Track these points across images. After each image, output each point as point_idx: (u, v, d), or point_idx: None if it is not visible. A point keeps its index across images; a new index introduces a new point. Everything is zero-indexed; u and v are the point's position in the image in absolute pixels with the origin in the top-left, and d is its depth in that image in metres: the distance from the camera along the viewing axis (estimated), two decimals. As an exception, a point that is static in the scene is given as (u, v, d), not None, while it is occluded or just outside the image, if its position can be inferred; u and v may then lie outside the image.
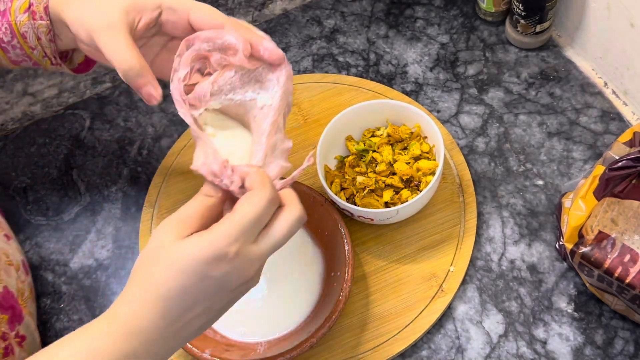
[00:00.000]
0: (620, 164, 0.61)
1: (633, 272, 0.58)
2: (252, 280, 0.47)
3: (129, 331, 0.43)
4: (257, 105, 0.52)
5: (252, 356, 0.63)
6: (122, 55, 0.52)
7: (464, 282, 0.69)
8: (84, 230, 0.77)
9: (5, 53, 0.60)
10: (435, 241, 0.71)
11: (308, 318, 0.66)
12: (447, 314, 0.67)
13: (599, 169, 0.63)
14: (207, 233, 0.44)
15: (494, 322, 0.66)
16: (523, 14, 0.79)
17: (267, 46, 0.50)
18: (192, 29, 0.54)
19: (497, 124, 0.79)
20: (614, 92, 0.80)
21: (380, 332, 0.66)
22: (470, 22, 0.88)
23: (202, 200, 0.46)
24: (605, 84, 0.81)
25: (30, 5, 0.57)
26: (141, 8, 0.54)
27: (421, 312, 0.66)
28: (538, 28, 0.81)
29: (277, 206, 0.46)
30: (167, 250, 0.44)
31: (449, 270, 0.69)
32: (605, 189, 0.62)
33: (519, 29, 0.82)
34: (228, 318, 0.66)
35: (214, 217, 0.46)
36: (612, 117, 0.78)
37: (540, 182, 0.74)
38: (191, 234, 0.44)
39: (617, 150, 0.64)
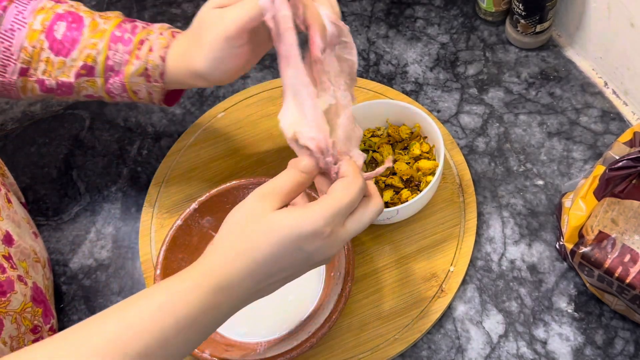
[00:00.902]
0: (620, 164, 0.61)
1: (633, 272, 0.58)
2: (329, 258, 0.51)
3: (218, 286, 0.47)
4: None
5: (251, 356, 0.62)
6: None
7: (464, 282, 0.68)
8: (84, 230, 0.77)
9: (112, 98, 0.65)
10: (436, 241, 0.70)
11: (308, 318, 0.66)
12: (447, 314, 0.67)
13: (599, 169, 0.63)
14: (306, 210, 0.48)
15: (494, 322, 0.66)
16: (523, 13, 0.79)
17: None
18: None
19: (497, 124, 0.79)
20: (614, 92, 0.80)
21: (380, 332, 0.66)
22: (471, 22, 0.88)
23: (296, 176, 0.50)
24: (606, 83, 0.81)
25: (146, 70, 0.62)
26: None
27: (421, 312, 0.66)
28: (538, 28, 0.81)
29: (363, 195, 0.51)
30: (266, 219, 0.47)
31: (449, 270, 0.69)
32: (606, 189, 0.62)
33: (519, 28, 0.82)
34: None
35: (299, 193, 0.51)
36: (612, 117, 0.78)
37: (541, 182, 0.74)
38: (281, 207, 0.49)
39: (618, 150, 0.64)
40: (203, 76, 0.59)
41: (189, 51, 0.60)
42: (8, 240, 0.62)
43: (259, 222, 0.48)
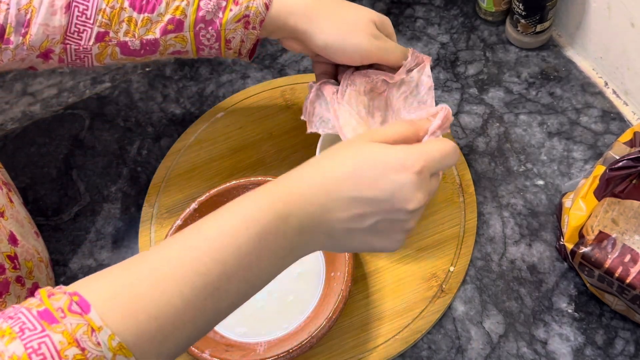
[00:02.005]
0: (620, 164, 0.61)
1: (633, 272, 0.58)
2: (416, 213, 0.47)
3: (292, 192, 0.45)
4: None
5: (252, 356, 0.62)
6: (398, 53, 0.63)
7: (464, 282, 0.68)
8: (84, 230, 0.76)
9: (199, 52, 0.63)
10: (436, 241, 0.70)
11: (308, 318, 0.65)
12: (448, 314, 0.67)
13: (600, 169, 0.63)
14: (400, 145, 0.47)
15: (494, 323, 0.66)
16: (523, 13, 0.79)
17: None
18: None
19: (498, 124, 0.78)
20: (614, 92, 0.80)
21: (381, 332, 0.66)
22: (471, 22, 0.87)
23: (404, 128, 0.49)
24: (606, 83, 0.80)
25: (245, 16, 0.61)
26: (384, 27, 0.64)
27: (421, 313, 0.66)
28: (538, 28, 0.81)
29: (455, 161, 0.49)
30: (358, 144, 0.47)
31: (449, 270, 0.69)
32: (606, 189, 0.62)
33: (519, 28, 0.82)
34: (228, 318, 0.66)
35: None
36: (613, 117, 0.77)
37: (541, 182, 0.74)
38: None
39: (618, 150, 0.64)
40: (311, 46, 0.61)
41: (309, 16, 0.61)
42: (13, 240, 0.62)
43: (350, 147, 0.46)
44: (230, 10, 0.60)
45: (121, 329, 0.39)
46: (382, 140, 0.47)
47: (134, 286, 0.41)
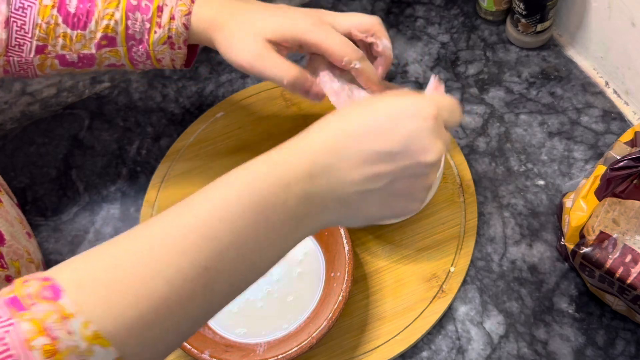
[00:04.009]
0: (621, 163, 0.61)
1: (634, 272, 0.58)
2: (434, 166, 0.43)
3: (292, 152, 0.42)
4: None
5: (251, 357, 0.62)
6: (283, 72, 0.58)
7: (464, 282, 0.68)
8: (83, 230, 0.76)
9: (135, 66, 0.65)
10: (436, 241, 0.70)
11: (308, 318, 0.65)
12: (448, 314, 0.67)
13: (600, 169, 0.63)
14: (411, 94, 0.45)
15: (495, 323, 0.66)
16: (524, 13, 0.79)
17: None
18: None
19: (498, 124, 0.78)
20: (615, 92, 0.80)
21: (381, 332, 0.66)
22: (471, 22, 0.87)
23: (409, 90, 0.49)
24: (607, 83, 0.80)
25: (169, 38, 0.62)
26: (283, 44, 0.60)
27: (422, 313, 0.66)
28: (539, 27, 0.81)
29: (460, 118, 0.47)
30: (367, 101, 0.45)
31: (449, 270, 0.68)
32: (607, 189, 0.62)
33: (519, 28, 0.82)
34: (228, 318, 0.66)
35: None
36: (614, 117, 0.77)
37: (541, 182, 0.74)
38: None
39: (619, 150, 0.64)
40: (231, 60, 0.60)
41: (223, 33, 0.60)
42: (0, 239, 0.62)
43: (359, 104, 0.43)
44: (155, 32, 0.62)
45: (97, 316, 0.36)
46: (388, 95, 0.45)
47: (112, 269, 0.37)
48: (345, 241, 0.65)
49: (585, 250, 0.60)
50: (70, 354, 0.35)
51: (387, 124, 0.41)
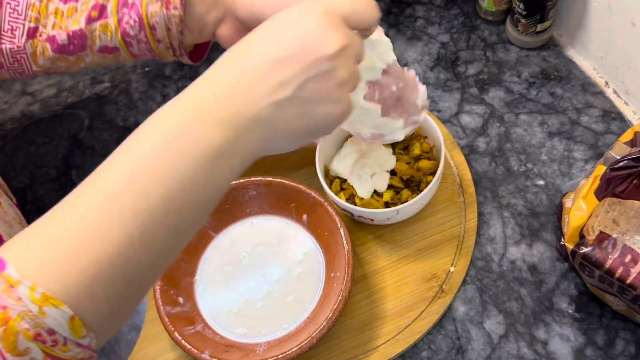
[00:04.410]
0: (621, 163, 0.61)
1: (634, 272, 0.58)
2: (336, 61, 0.42)
3: (198, 82, 0.43)
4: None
5: (251, 357, 0.62)
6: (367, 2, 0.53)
7: (464, 282, 0.68)
8: (83, 230, 0.76)
9: (128, 47, 0.61)
10: (436, 241, 0.70)
11: (308, 318, 0.65)
12: (448, 314, 0.67)
13: (600, 169, 0.63)
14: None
15: (495, 323, 0.66)
16: (524, 13, 0.79)
17: None
18: None
19: (498, 124, 0.78)
20: (615, 92, 0.80)
21: (381, 332, 0.66)
22: (471, 22, 0.87)
23: None
24: (607, 83, 0.80)
25: None
26: None
27: (421, 313, 0.66)
28: (539, 27, 0.81)
29: (375, 21, 0.46)
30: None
31: (449, 270, 0.68)
32: (607, 189, 0.62)
33: (519, 28, 0.82)
34: (228, 319, 0.66)
35: None
36: (613, 117, 0.77)
37: (541, 182, 0.74)
38: None
39: (618, 150, 0.64)
40: (235, 12, 0.55)
41: None
42: None
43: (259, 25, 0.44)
44: None
45: (42, 278, 0.36)
46: None
47: (51, 233, 0.38)
48: (345, 241, 0.65)
49: (585, 250, 0.60)
50: (22, 320, 0.35)
51: (278, 31, 0.42)
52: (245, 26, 0.55)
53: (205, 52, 0.66)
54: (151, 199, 0.39)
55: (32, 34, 0.59)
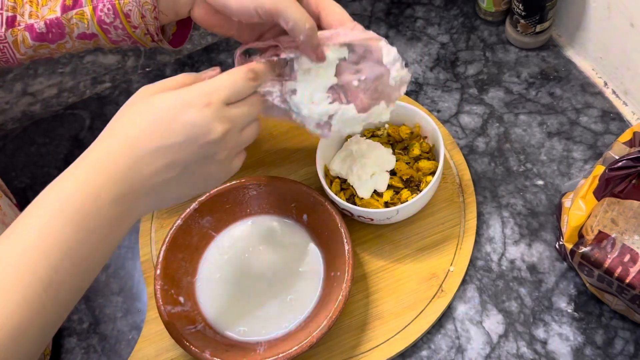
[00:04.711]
0: (620, 164, 0.61)
1: (633, 272, 0.58)
2: (221, 144, 0.49)
3: (93, 166, 0.47)
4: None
5: (252, 356, 0.62)
6: (301, 13, 0.55)
7: (464, 282, 0.68)
8: (84, 230, 0.76)
9: (106, 34, 0.61)
10: (435, 241, 0.70)
11: (308, 318, 0.66)
12: (447, 314, 0.67)
13: (599, 169, 0.63)
14: (183, 88, 0.49)
15: (494, 322, 0.66)
16: (523, 13, 0.79)
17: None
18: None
19: (497, 124, 0.79)
20: (614, 92, 0.80)
21: (380, 332, 0.66)
22: (471, 22, 0.88)
23: (183, 77, 0.51)
24: (606, 83, 0.81)
25: None
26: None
27: (421, 312, 0.66)
28: (538, 28, 0.81)
29: (257, 83, 0.52)
30: (146, 99, 0.48)
31: (449, 270, 0.69)
32: (606, 189, 0.62)
33: (519, 28, 0.82)
34: (228, 318, 0.67)
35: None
36: (612, 117, 0.78)
37: (541, 182, 0.74)
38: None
39: (617, 150, 0.64)
40: None
41: None
42: None
43: (134, 105, 0.48)
44: None
45: None
46: (162, 89, 0.49)
47: None
48: (345, 241, 0.65)
49: (584, 249, 0.60)
50: None
51: (165, 119, 0.47)
52: (214, 8, 0.59)
53: (185, 39, 0.67)
54: (61, 271, 0.44)
55: (11, 23, 0.60)
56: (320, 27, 0.59)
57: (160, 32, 0.62)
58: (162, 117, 0.47)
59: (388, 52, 0.59)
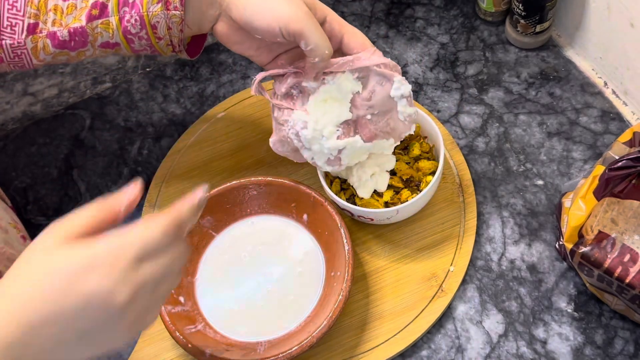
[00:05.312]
0: (620, 163, 0.61)
1: (633, 272, 0.58)
2: (128, 307, 0.42)
3: None
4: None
5: (252, 356, 0.63)
6: (324, 38, 0.57)
7: (464, 282, 0.69)
8: (84, 230, 0.76)
9: (129, 44, 0.61)
10: (435, 241, 0.71)
11: (308, 318, 0.66)
12: (447, 313, 0.67)
13: (599, 169, 0.63)
14: (85, 243, 0.43)
15: (494, 322, 0.66)
16: (523, 14, 0.79)
17: None
18: (339, 52, 0.61)
19: (497, 124, 0.79)
20: (613, 92, 0.80)
21: (380, 332, 0.66)
22: (470, 22, 0.88)
23: (95, 211, 0.45)
24: (605, 84, 0.81)
25: None
26: (314, 10, 0.59)
27: (421, 312, 0.66)
28: (538, 28, 0.81)
29: (177, 240, 0.45)
30: (39, 252, 0.43)
31: (449, 270, 0.69)
32: (605, 188, 0.62)
33: (519, 29, 0.82)
34: (228, 318, 0.67)
35: (104, 229, 0.45)
36: (612, 117, 0.78)
37: (540, 182, 0.74)
38: (72, 238, 0.43)
39: (617, 150, 0.64)
40: (231, 15, 0.58)
41: None
42: None
43: (32, 258, 0.43)
44: None
45: None
46: (69, 235, 0.43)
47: None
48: (345, 241, 0.65)
49: (584, 249, 0.60)
50: None
51: (63, 284, 0.41)
52: (238, 26, 0.59)
53: (201, 48, 0.68)
54: None
55: (32, 30, 0.59)
56: (342, 50, 0.61)
57: (182, 44, 0.63)
58: (60, 281, 0.41)
59: (399, 86, 0.61)
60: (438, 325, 0.67)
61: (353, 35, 0.61)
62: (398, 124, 0.63)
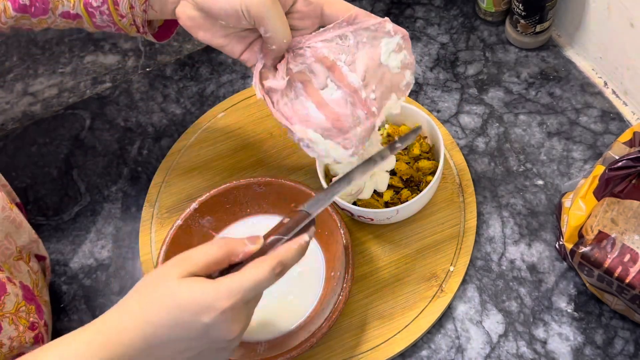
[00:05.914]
0: (620, 163, 0.61)
1: (633, 272, 0.58)
2: (236, 339, 0.50)
3: (110, 341, 0.46)
4: None
5: (252, 356, 0.63)
6: (284, 27, 0.56)
7: (464, 282, 0.69)
8: (84, 230, 0.77)
9: (91, 17, 0.60)
10: (435, 241, 0.71)
11: (308, 318, 0.66)
12: (447, 313, 0.67)
13: (599, 169, 0.63)
14: (210, 282, 0.48)
15: (494, 322, 0.66)
16: (523, 13, 0.79)
17: None
18: (321, 23, 0.59)
19: (497, 124, 0.79)
20: (613, 92, 0.80)
21: (380, 332, 0.66)
22: (470, 22, 0.88)
23: (215, 250, 0.50)
24: (605, 83, 0.81)
25: None
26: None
27: (421, 312, 0.66)
28: (538, 28, 0.81)
29: (270, 281, 0.50)
30: (169, 283, 0.47)
31: (449, 270, 0.69)
32: (605, 188, 0.62)
33: (519, 28, 0.82)
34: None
35: (216, 269, 0.50)
36: (612, 117, 0.78)
37: (540, 182, 0.74)
38: (194, 273, 0.48)
39: (617, 150, 0.64)
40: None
41: None
42: None
43: (161, 286, 0.48)
44: None
45: None
46: (190, 271, 0.48)
47: None
48: (345, 241, 0.65)
49: (584, 249, 0.60)
50: None
51: (187, 315, 0.47)
52: (199, 7, 0.57)
53: (171, 33, 0.66)
54: None
55: None
56: (324, 22, 0.59)
57: (146, 25, 0.61)
58: (184, 313, 0.47)
59: (387, 47, 0.61)
60: (438, 325, 0.67)
61: (334, 3, 0.58)
62: (394, 78, 0.61)
